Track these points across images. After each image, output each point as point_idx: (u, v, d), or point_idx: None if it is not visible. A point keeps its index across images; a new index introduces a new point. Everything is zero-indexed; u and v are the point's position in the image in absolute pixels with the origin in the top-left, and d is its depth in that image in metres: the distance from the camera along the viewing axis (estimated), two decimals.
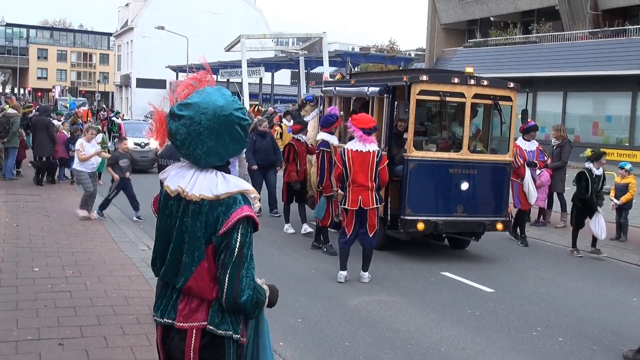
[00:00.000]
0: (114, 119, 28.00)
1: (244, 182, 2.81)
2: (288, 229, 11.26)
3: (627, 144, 27.07)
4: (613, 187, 11.64)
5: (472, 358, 5.99)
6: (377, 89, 9.91)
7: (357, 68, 39.97)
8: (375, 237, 8.27)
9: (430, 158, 9.53)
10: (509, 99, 9.91)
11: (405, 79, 9.34)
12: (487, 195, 9.76)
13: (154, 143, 9.54)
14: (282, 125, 18.69)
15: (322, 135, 9.99)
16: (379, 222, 8.36)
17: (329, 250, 9.71)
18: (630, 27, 28.53)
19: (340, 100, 11.56)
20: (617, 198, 11.32)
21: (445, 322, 6.93)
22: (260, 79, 41.94)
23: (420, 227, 9.27)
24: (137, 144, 18.94)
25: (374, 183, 8.10)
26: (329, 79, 13.17)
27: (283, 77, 57.53)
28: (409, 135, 9.34)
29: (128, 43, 65.20)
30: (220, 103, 2.69)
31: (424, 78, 9.32)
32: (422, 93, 9.37)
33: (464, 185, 9.49)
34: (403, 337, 6.40)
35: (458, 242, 10.59)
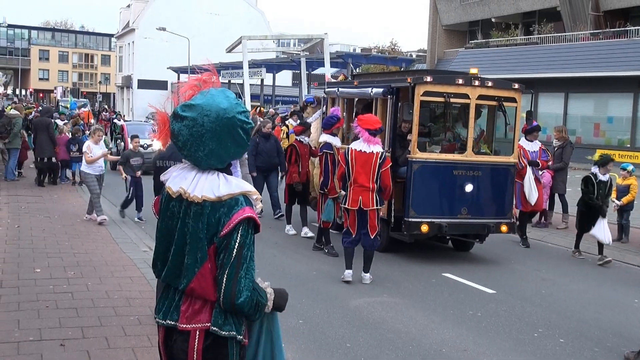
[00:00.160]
0: (116, 121, 28.03)
1: (246, 183, 2.81)
2: (289, 230, 11.26)
3: (628, 145, 27.07)
4: (615, 188, 11.63)
5: (473, 359, 5.98)
6: (380, 90, 9.84)
7: (358, 69, 39.98)
8: (377, 238, 8.26)
9: (435, 159, 9.47)
10: (514, 100, 9.83)
11: (409, 80, 9.28)
12: (491, 197, 9.69)
13: (157, 144, 9.51)
14: (288, 125, 18.65)
15: (324, 138, 9.98)
16: (380, 223, 8.31)
17: (330, 252, 9.71)
18: (632, 28, 28.54)
19: (343, 102, 11.50)
20: (618, 199, 11.31)
21: (447, 323, 6.93)
22: (262, 80, 41.93)
23: (424, 229, 9.20)
24: (140, 146, 18.91)
25: (375, 184, 8.08)
26: (332, 80, 13.14)
27: (284, 78, 57.55)
28: (413, 137, 9.28)
29: (129, 44, 65.30)
30: (224, 105, 2.69)
31: (428, 79, 9.25)
32: (426, 94, 9.30)
33: (468, 187, 9.43)
34: (404, 338, 6.40)
35: (462, 244, 10.52)
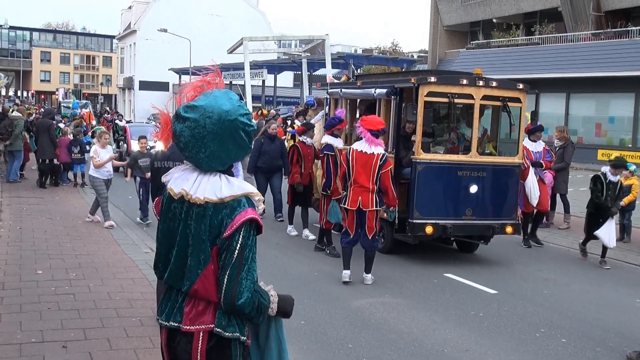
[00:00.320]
0: (118, 122, 28.06)
1: (248, 184, 2.80)
2: (291, 231, 11.26)
3: (630, 145, 27.05)
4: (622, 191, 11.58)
5: (475, 359, 5.99)
6: (384, 91, 9.78)
7: (359, 70, 39.96)
8: (376, 239, 8.22)
9: (439, 160, 9.39)
10: (518, 101, 9.76)
11: (413, 81, 9.19)
12: (496, 198, 9.60)
13: (160, 146, 9.50)
14: (294, 126, 18.62)
15: (326, 139, 9.97)
16: (378, 225, 8.24)
17: (332, 253, 9.71)
18: (633, 28, 28.53)
19: (346, 102, 11.44)
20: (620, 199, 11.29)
21: (449, 323, 6.93)
22: (263, 81, 41.96)
23: (429, 230, 9.12)
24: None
25: (375, 186, 8.06)
26: (335, 81, 13.10)
27: (286, 79, 57.63)
28: (417, 137, 9.21)
29: (131, 45, 65.36)
30: (226, 108, 2.68)
31: (432, 79, 9.17)
32: (430, 95, 9.23)
33: (473, 188, 9.35)
34: (406, 338, 6.40)
35: (467, 245, 10.46)
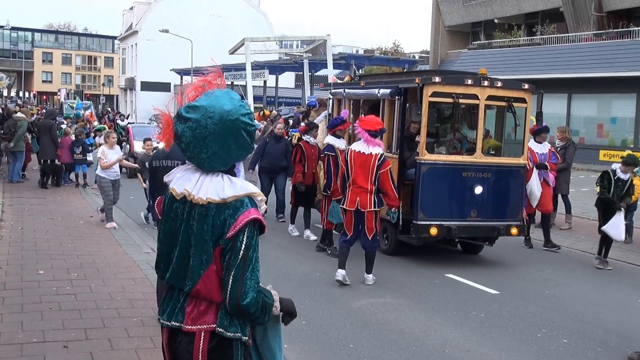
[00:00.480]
0: (119, 122, 28.07)
1: (250, 184, 2.80)
2: (293, 231, 11.25)
3: (632, 146, 27.00)
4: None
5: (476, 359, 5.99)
6: (388, 91, 9.71)
7: (361, 70, 39.98)
8: (375, 240, 8.18)
9: (444, 161, 9.32)
10: (523, 101, 9.67)
11: (418, 81, 9.12)
12: (501, 199, 9.51)
13: (162, 145, 9.47)
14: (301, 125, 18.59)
15: (328, 139, 9.96)
16: (378, 225, 8.20)
17: (334, 253, 9.70)
18: (635, 28, 28.52)
19: (350, 103, 11.39)
20: None
21: (450, 324, 6.92)
22: (265, 82, 41.96)
23: (434, 232, 9.05)
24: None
25: (374, 186, 8.02)
26: (338, 81, 13.07)
27: (287, 79, 57.60)
28: (422, 138, 9.14)
29: (132, 46, 65.38)
30: (228, 107, 2.67)
31: (437, 79, 9.09)
32: (434, 95, 9.14)
33: (478, 189, 9.26)
34: (407, 339, 6.40)
35: (471, 247, 10.39)
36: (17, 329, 5.79)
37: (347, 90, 11.26)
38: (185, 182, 2.77)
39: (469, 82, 9.29)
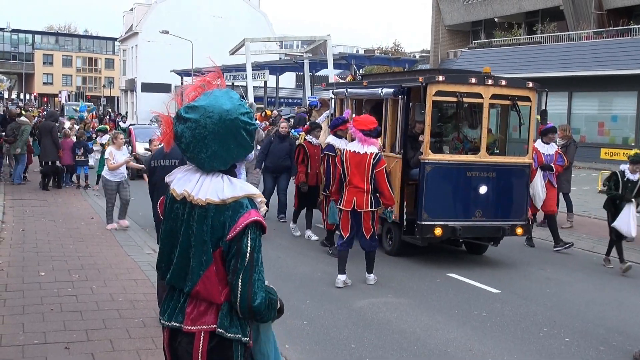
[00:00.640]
0: (121, 123, 28.09)
1: (251, 186, 2.80)
2: (294, 231, 11.23)
3: (633, 144, 26.98)
4: None
5: (478, 359, 5.98)
6: (391, 90, 9.65)
7: (361, 70, 40.00)
8: (374, 239, 8.15)
9: (448, 161, 9.26)
10: (528, 99, 9.61)
11: (421, 80, 9.05)
12: (506, 199, 9.45)
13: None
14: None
15: (329, 139, 9.94)
16: (376, 225, 8.16)
17: (334, 253, 9.68)
18: (635, 26, 28.47)
19: (352, 103, 11.35)
20: None
21: (452, 323, 6.92)
22: (265, 82, 42.00)
23: (438, 232, 8.99)
24: (147, 150, 18.91)
25: (370, 185, 7.98)
26: (340, 81, 13.01)
27: (288, 80, 57.64)
28: (426, 138, 9.08)
29: (133, 48, 65.43)
30: (227, 107, 2.67)
31: (441, 78, 9.02)
32: (438, 94, 9.09)
33: (483, 189, 9.19)
34: (409, 338, 6.39)
35: (476, 247, 10.33)
36: (18, 331, 5.79)
37: (349, 90, 11.20)
38: (186, 182, 2.77)
39: (473, 80, 9.21)
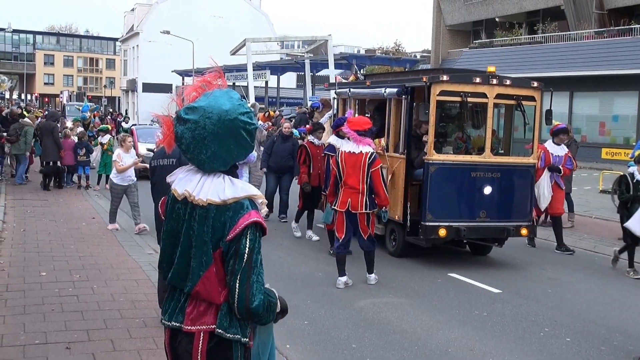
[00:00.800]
0: (123, 124, 28.11)
1: (252, 186, 2.80)
2: (295, 230, 11.23)
3: (634, 144, 26.95)
4: None
5: (479, 359, 5.97)
6: (394, 90, 9.59)
7: (362, 70, 40.01)
8: (372, 240, 8.14)
9: (452, 161, 9.19)
10: (533, 99, 9.53)
11: (425, 80, 9.00)
12: (511, 200, 9.39)
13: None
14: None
15: (330, 139, 9.94)
16: (372, 226, 8.12)
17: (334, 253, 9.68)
18: (636, 26, 28.44)
19: (355, 103, 11.29)
20: None
21: (453, 323, 6.92)
22: (266, 82, 42.03)
23: (442, 233, 8.94)
24: (149, 150, 18.90)
25: (366, 186, 7.93)
26: (343, 81, 12.98)
27: (289, 80, 57.63)
28: (430, 138, 9.02)
29: (134, 48, 65.45)
30: (226, 107, 2.67)
31: (445, 78, 8.95)
32: (442, 94, 9.01)
33: (487, 189, 9.12)
34: (410, 338, 6.39)
35: (480, 248, 10.27)
36: (19, 331, 5.79)
37: (352, 90, 11.14)
38: (187, 182, 2.77)
39: (478, 80, 9.14)
